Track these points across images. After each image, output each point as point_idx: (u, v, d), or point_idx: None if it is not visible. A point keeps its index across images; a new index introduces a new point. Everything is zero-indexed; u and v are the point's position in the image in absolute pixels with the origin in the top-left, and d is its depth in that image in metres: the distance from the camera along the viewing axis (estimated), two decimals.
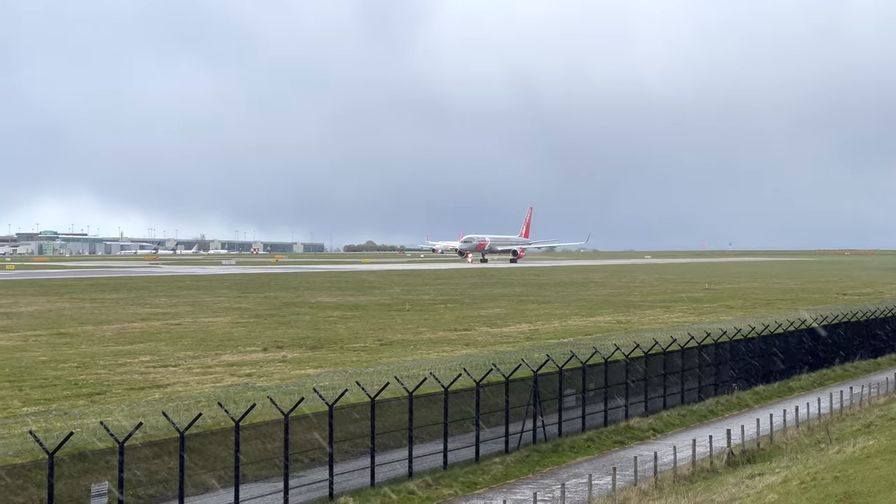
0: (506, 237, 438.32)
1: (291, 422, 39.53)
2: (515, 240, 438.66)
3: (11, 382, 62.94)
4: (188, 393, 57.49)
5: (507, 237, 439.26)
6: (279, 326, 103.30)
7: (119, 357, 76.03)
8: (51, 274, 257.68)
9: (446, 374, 52.68)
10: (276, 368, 70.29)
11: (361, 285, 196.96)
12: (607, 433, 55.45)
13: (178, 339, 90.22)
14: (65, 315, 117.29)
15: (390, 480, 42.79)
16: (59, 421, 45.03)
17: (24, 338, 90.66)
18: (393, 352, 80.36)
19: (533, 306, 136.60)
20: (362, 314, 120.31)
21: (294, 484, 39.12)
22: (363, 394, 45.04)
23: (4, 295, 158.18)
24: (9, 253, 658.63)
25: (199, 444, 38.39)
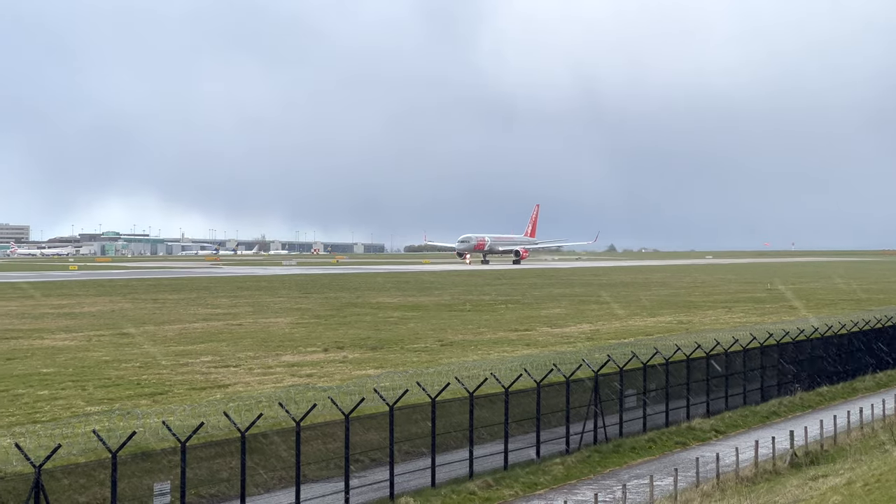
0: (508, 236, 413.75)
1: (352, 422, 39.57)
2: (519, 239, 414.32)
3: (75, 382, 63.43)
4: (249, 393, 57.69)
5: (509, 236, 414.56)
6: (340, 327, 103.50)
7: (181, 357, 76.43)
8: (113, 274, 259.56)
9: (507, 375, 52.58)
10: (337, 369, 70.41)
11: (422, 285, 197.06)
12: (668, 434, 55.13)
13: (240, 339, 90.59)
14: (127, 315, 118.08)
15: (451, 481, 42.73)
16: (121, 420, 45.30)
17: (87, 338, 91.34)
18: (453, 352, 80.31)
19: (594, 306, 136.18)
20: (423, 314, 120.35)
21: (355, 484, 39.15)
22: (424, 394, 45.03)
23: (68, 295, 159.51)
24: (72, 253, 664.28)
25: (260, 444, 38.49)
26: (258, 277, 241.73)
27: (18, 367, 71.08)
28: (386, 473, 40.55)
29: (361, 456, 41.55)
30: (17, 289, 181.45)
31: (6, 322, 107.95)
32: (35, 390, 60.10)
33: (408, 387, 47.14)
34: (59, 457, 31.64)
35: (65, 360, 74.37)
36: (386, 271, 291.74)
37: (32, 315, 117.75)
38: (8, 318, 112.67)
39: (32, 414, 51.87)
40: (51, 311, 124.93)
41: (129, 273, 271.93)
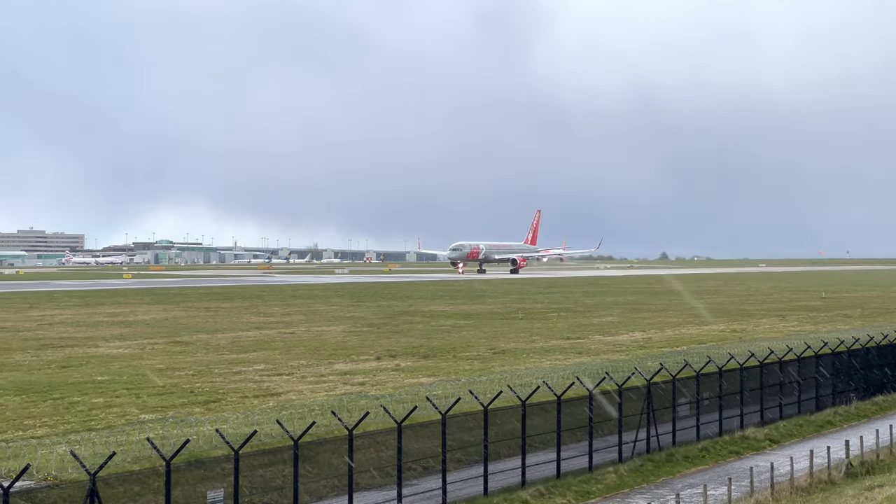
0: (505, 244, 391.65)
1: (405, 430, 39.59)
2: (518, 247, 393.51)
3: (129, 390, 63.79)
4: (302, 401, 57.82)
5: (506, 244, 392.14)
6: (392, 335, 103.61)
7: (234, 365, 76.72)
8: (166, 283, 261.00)
9: (559, 383, 52.45)
10: (390, 377, 70.47)
11: (473, 294, 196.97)
12: (722, 443, 54.83)
13: (292, 347, 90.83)
14: (180, 323, 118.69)
15: (503, 489, 42.67)
16: (175, 428, 45.52)
17: (140, 346, 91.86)
18: (505, 360, 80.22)
19: (646, 314, 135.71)
20: (475, 323, 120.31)
21: (407, 492, 39.16)
22: (476, 402, 45.02)
23: (122, 303, 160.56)
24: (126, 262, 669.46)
25: (312, 452, 38.58)
26: (311, 286, 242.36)
27: (73, 374, 71.57)
28: (438, 482, 40.56)
29: (414, 464, 41.55)
30: (73, 297, 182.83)
31: (61, 330, 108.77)
32: (90, 398, 60.49)
33: (460, 395, 47.16)
34: (114, 464, 31.80)
35: (119, 368, 74.82)
36: (438, 279, 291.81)
37: (87, 323, 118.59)
38: (63, 327, 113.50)
39: (87, 421, 52.20)
40: (105, 319, 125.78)
41: (182, 281, 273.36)
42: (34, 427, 50.83)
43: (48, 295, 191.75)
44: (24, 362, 78.93)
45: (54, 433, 48.25)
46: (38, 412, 55.53)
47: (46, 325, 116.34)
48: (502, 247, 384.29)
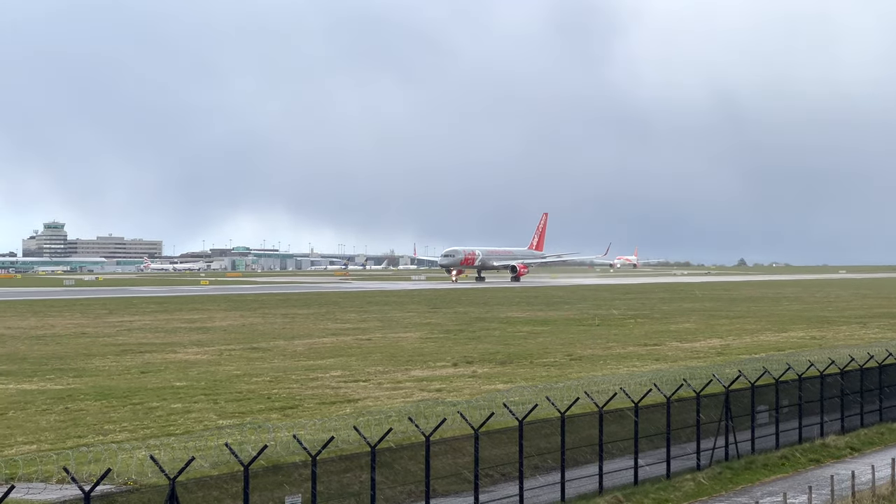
0: (505, 249, 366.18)
1: (481, 437, 39.51)
2: (520, 253, 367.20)
3: (207, 395, 64.21)
4: (378, 407, 57.92)
5: (507, 249, 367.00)
6: (469, 341, 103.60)
7: (310, 372, 77.00)
8: (243, 289, 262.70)
9: (636, 390, 52.17)
10: (466, 383, 70.43)
11: (550, 300, 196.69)
12: (802, 451, 54.22)
13: (369, 354, 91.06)
14: (257, 330, 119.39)
15: (580, 496, 42.47)
16: (253, 434, 45.75)
17: (218, 352, 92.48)
18: (582, 367, 79.96)
19: (724, 321, 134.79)
20: (552, 329, 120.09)
21: (484, 499, 39.07)
22: (553, 409, 44.86)
23: (199, 310, 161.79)
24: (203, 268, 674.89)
25: (389, 459, 38.57)
26: (387, 292, 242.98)
27: (152, 380, 72.17)
28: (515, 488, 40.44)
29: (491, 471, 41.46)
30: (151, 303, 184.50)
31: (140, 336, 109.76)
32: (168, 403, 60.95)
33: (537, 401, 47.00)
34: (193, 469, 31.99)
35: (197, 374, 75.35)
36: (514, 286, 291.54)
37: (165, 329, 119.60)
38: (142, 333, 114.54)
39: (166, 427, 52.60)
40: (183, 325, 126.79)
41: (259, 288, 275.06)
42: (114, 432, 51.30)
43: (127, 301, 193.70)
44: (105, 368, 79.71)
45: (134, 438, 48.66)
46: (118, 417, 56.04)
47: (126, 331, 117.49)
48: (502, 252, 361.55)
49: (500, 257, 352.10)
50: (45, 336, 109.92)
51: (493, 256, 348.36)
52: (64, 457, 40.12)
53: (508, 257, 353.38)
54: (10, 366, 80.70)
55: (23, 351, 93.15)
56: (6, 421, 54.87)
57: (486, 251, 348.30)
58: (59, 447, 46.21)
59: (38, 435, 50.49)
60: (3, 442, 48.67)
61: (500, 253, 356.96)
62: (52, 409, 59.16)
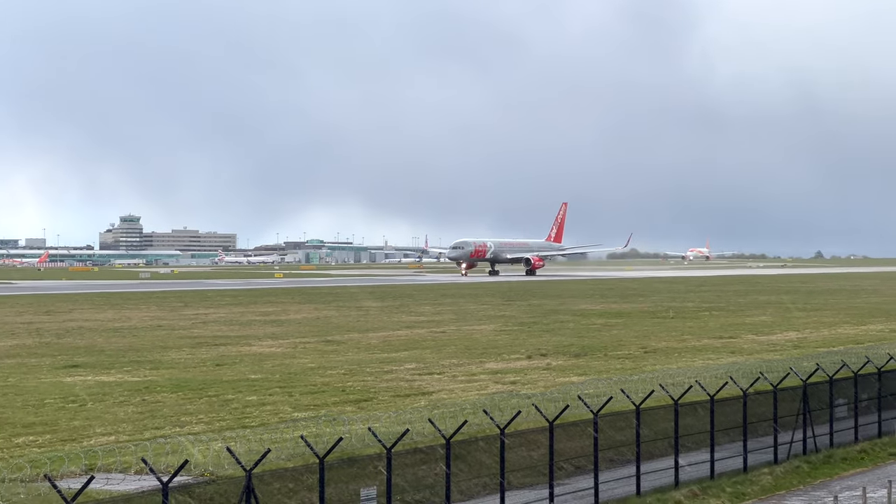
0: (520, 241, 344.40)
1: (556, 429, 39.43)
2: (537, 244, 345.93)
3: (282, 388, 64.50)
4: (453, 400, 57.92)
5: (522, 241, 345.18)
6: (543, 334, 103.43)
7: (385, 364, 77.16)
8: (317, 282, 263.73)
9: (711, 383, 51.81)
10: (540, 376, 70.31)
11: (624, 292, 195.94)
12: (881, 445, 53.65)
13: (443, 346, 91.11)
14: (331, 323, 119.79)
15: (656, 489, 42.28)
16: (328, 426, 45.90)
17: (293, 345, 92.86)
18: (657, 359, 79.59)
19: (800, 314, 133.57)
20: (625, 321, 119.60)
21: (559, 492, 39.00)
22: (627, 401, 44.71)
23: (273, 303, 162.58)
24: (277, 261, 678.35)
25: (463, 451, 38.62)
26: (460, 285, 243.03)
27: (228, 372, 72.62)
28: (590, 481, 40.31)
29: (565, 463, 41.40)
30: (226, 296, 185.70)
31: (215, 329, 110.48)
32: (244, 396, 61.31)
33: (611, 394, 46.80)
34: (268, 461, 32.12)
35: (272, 367, 75.70)
36: (588, 278, 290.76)
37: (240, 322, 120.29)
38: (217, 325, 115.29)
39: (242, 419, 52.91)
40: (258, 318, 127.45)
41: (333, 281, 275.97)
42: (191, 424, 51.69)
43: (202, 294, 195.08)
44: (180, 360, 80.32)
45: (210, 430, 48.99)
46: (194, 409, 56.46)
47: (201, 323, 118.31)
48: (516, 244, 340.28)
49: (515, 249, 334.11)
50: (121, 328, 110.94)
51: (506, 248, 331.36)
52: (142, 448, 40.46)
53: (523, 249, 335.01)
54: (89, 358, 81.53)
55: (100, 343, 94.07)
56: (85, 412, 55.44)
57: (499, 243, 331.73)
58: (137, 438, 46.64)
59: (116, 426, 50.98)
60: (82, 433, 49.18)
61: (514, 245, 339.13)
62: (129, 400, 59.71)
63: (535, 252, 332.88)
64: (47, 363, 77.98)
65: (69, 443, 46.61)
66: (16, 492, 33.57)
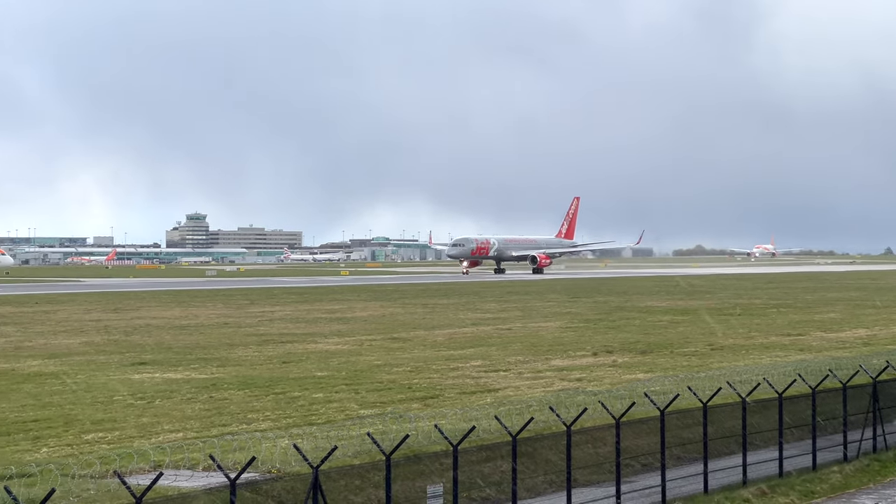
0: (529, 238, 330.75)
1: (622, 426, 39.30)
2: (545, 241, 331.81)
3: (348, 385, 64.64)
4: (519, 397, 57.83)
5: (530, 237, 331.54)
6: (609, 331, 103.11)
7: (450, 361, 77.16)
8: (383, 279, 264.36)
9: (779, 380, 51.39)
10: (606, 373, 70.09)
11: (690, 289, 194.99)
12: None
13: (509, 343, 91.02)
14: (397, 320, 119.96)
15: (723, 487, 42.02)
16: (394, 423, 45.94)
17: (359, 342, 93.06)
18: (723, 356, 79.12)
19: (870, 311, 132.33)
20: (692, 318, 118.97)
21: (625, 489, 38.84)
22: (694, 399, 44.48)
23: (340, 300, 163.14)
24: (342, 259, 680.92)
25: (529, 448, 38.56)
26: (526, 282, 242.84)
27: (294, 370, 72.86)
28: (656, 479, 40.16)
29: (632, 461, 41.24)
30: (292, 293, 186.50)
31: (281, 326, 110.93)
32: (310, 393, 61.48)
33: (678, 391, 46.60)
34: (335, 458, 32.18)
35: (338, 364, 75.88)
36: (654, 275, 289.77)
37: (306, 319, 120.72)
38: (283, 323, 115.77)
39: (308, 416, 53.04)
40: (323, 315, 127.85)
41: (399, 278, 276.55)
42: (257, 421, 51.90)
43: (268, 291, 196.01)
44: (247, 358, 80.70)
45: (277, 427, 49.15)
46: (261, 406, 56.67)
47: (267, 321, 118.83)
48: (522, 241, 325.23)
49: (521, 246, 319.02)
50: (188, 326, 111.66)
51: (511, 245, 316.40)
52: (209, 445, 40.65)
53: (530, 246, 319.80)
54: (156, 355, 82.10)
55: (168, 341, 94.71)
56: (153, 409, 55.83)
57: (504, 239, 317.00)
58: (205, 435, 46.86)
59: (183, 423, 51.28)
60: (150, 430, 49.52)
61: (520, 241, 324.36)
62: (196, 397, 60.05)
63: (544, 249, 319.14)
64: (115, 360, 78.60)
65: (137, 439, 46.93)
66: (86, 488, 33.83)
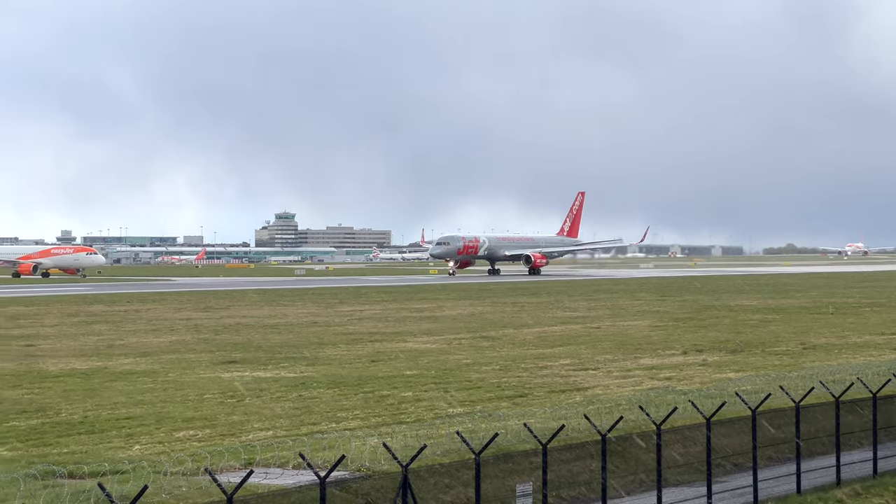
0: (525, 236, 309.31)
1: (712, 426, 39.00)
2: (545, 240, 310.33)
3: (437, 384, 64.68)
4: (608, 396, 57.59)
5: (527, 236, 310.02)
6: (698, 330, 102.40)
7: (539, 360, 77.00)
8: (472, 278, 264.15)
9: (873, 380, 50.76)
10: (696, 372, 69.60)
11: (781, 288, 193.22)
12: None
13: (597, 342, 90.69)
14: (486, 318, 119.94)
15: (816, 488, 41.56)
16: (483, 422, 45.92)
17: (448, 341, 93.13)
18: (815, 356, 78.28)
19: None
20: (783, 317, 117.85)
21: (716, 489, 38.54)
22: (786, 398, 44.05)
23: (429, 299, 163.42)
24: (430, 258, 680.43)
25: (619, 447, 38.41)
26: (615, 280, 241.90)
27: (383, 369, 73.05)
28: (748, 479, 39.80)
29: (722, 460, 40.96)
30: (380, 292, 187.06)
31: (370, 325, 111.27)
32: (399, 392, 61.58)
33: (769, 391, 46.19)
34: (424, 457, 32.24)
35: (427, 363, 75.96)
36: (744, 273, 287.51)
37: (395, 318, 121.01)
38: (372, 321, 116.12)
39: (397, 415, 53.15)
40: (412, 314, 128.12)
41: (487, 276, 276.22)
42: (347, 419, 52.07)
43: (356, 290, 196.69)
44: (336, 356, 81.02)
45: (366, 426, 49.28)
46: (350, 405, 56.85)
47: (356, 320, 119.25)
48: (517, 239, 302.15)
49: (515, 245, 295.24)
50: (278, 325, 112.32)
51: (504, 244, 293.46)
52: (299, 443, 40.88)
53: (527, 245, 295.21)
54: (246, 354, 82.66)
55: (257, 340, 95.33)
56: (243, 408, 56.20)
57: (496, 238, 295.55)
58: (294, 434, 47.13)
59: (273, 422, 51.58)
60: (241, 428, 49.86)
61: (514, 240, 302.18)
62: (286, 396, 60.37)
63: (542, 248, 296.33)
64: (206, 359, 79.25)
65: (228, 437, 47.27)
66: (177, 485, 34.15)
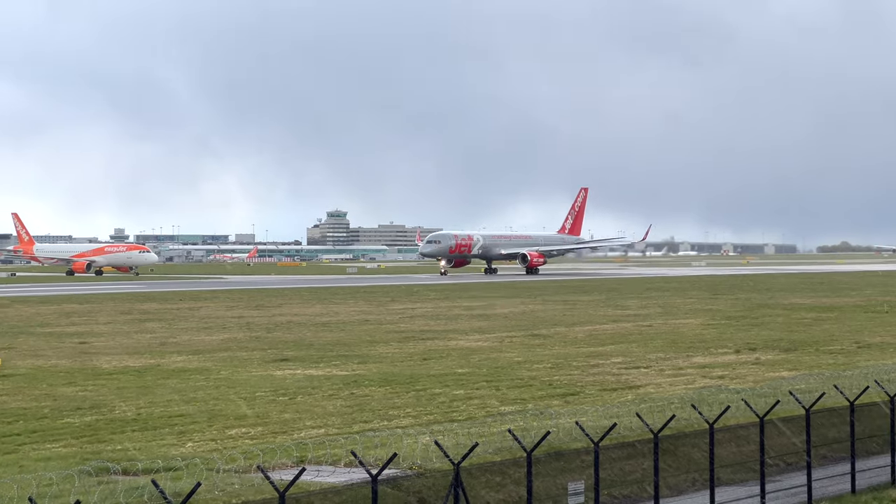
0: (523, 234, 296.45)
1: (766, 425, 38.80)
2: (544, 237, 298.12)
3: (489, 382, 64.66)
4: (660, 394, 57.37)
5: (524, 234, 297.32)
6: (751, 328, 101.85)
7: (591, 358, 76.83)
8: (523, 277, 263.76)
9: None
10: (749, 370, 69.24)
11: (835, 286, 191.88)
12: None
13: (649, 340, 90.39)
14: (537, 316, 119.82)
15: (871, 488, 41.26)
16: (534, 420, 45.81)
17: (499, 339, 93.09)
18: (871, 354, 77.65)
19: None
20: (837, 316, 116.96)
21: (770, 488, 38.34)
22: (840, 397, 43.74)
23: (480, 297, 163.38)
24: None
25: (671, 446, 38.27)
26: (667, 278, 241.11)
27: (434, 367, 73.09)
28: (801, 478, 39.56)
29: (776, 460, 40.73)
30: (431, 290, 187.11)
31: (422, 323, 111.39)
32: (451, 390, 61.59)
33: (823, 390, 45.83)
34: (475, 455, 32.23)
35: (478, 361, 75.95)
36: (797, 272, 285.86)
37: (446, 316, 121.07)
38: (423, 320, 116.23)
39: (449, 413, 53.17)
40: (464, 312, 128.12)
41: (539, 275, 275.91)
42: (398, 417, 52.13)
43: (408, 289, 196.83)
44: (388, 354, 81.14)
45: (417, 424, 49.28)
46: (402, 403, 56.92)
47: (407, 318, 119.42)
48: (514, 237, 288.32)
49: (511, 243, 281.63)
50: (329, 323, 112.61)
51: (500, 242, 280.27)
52: (351, 441, 40.95)
53: (524, 243, 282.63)
54: (298, 352, 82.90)
55: (309, 338, 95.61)
56: (295, 406, 56.36)
57: (491, 236, 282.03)
58: (346, 431, 47.23)
59: (325, 419, 51.70)
60: (293, 426, 50.01)
61: (510, 238, 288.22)
62: (338, 394, 60.51)
63: (540, 246, 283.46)
64: (258, 357, 79.55)
65: (280, 435, 47.43)
66: (230, 482, 34.28)
